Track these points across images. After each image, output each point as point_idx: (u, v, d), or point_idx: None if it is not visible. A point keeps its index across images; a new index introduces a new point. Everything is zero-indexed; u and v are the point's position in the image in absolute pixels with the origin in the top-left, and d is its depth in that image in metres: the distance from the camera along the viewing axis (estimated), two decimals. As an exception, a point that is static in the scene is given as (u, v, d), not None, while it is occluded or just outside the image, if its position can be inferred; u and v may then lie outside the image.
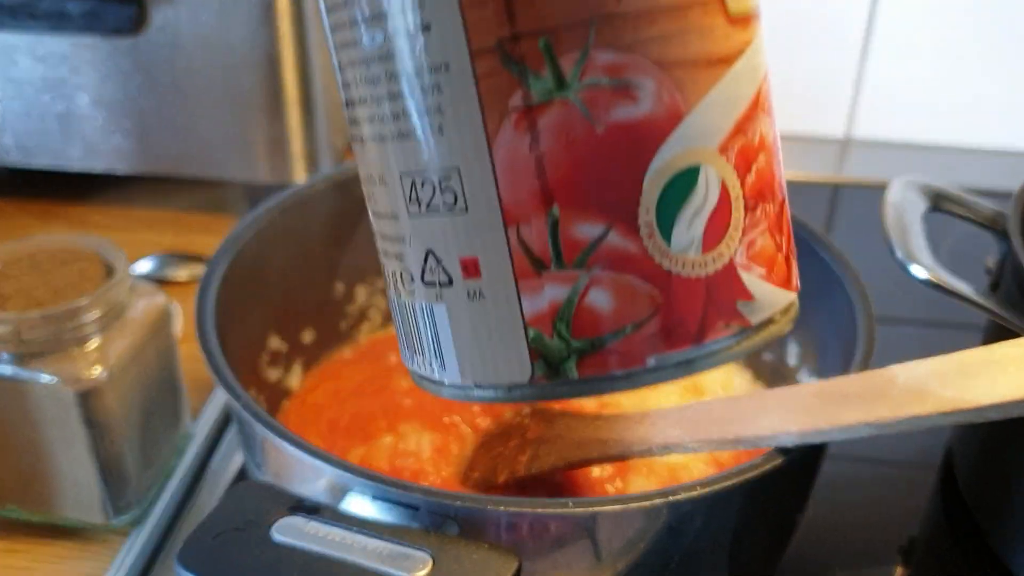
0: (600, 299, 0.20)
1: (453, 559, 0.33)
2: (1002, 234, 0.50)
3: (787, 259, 0.23)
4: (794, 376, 0.54)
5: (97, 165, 0.73)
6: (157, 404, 0.51)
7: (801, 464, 0.41)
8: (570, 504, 0.37)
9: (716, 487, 0.37)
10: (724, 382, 0.56)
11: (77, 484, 0.48)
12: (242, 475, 0.54)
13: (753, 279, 0.21)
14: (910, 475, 0.57)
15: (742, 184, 0.21)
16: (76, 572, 0.49)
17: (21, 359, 0.45)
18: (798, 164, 0.86)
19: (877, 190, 0.53)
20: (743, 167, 0.21)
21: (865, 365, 0.43)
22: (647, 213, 0.20)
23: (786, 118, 0.89)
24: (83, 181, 0.75)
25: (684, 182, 0.20)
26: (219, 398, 0.58)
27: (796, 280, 0.24)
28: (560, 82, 0.19)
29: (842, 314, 0.47)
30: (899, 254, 0.46)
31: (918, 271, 0.46)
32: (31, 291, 0.46)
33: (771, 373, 0.56)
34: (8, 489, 0.49)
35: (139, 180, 0.76)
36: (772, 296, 0.22)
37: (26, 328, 0.45)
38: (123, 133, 0.71)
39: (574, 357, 0.21)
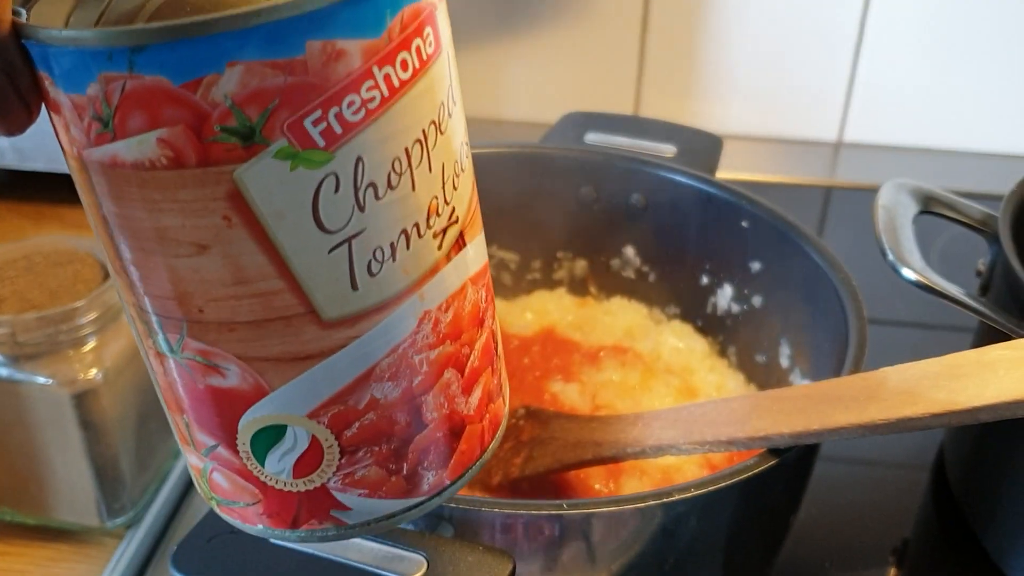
0: (220, 479, 0.28)
1: (448, 561, 0.33)
2: (992, 237, 0.50)
3: (410, 475, 0.27)
4: (786, 378, 0.54)
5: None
6: (152, 407, 0.51)
7: (794, 465, 0.41)
8: (564, 506, 0.37)
9: (709, 488, 0.37)
10: (718, 384, 0.57)
11: (72, 486, 0.48)
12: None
13: (350, 496, 0.27)
14: (902, 476, 0.57)
15: (337, 437, 0.26)
16: (71, 575, 0.49)
17: (16, 361, 0.45)
18: (791, 167, 0.86)
19: (869, 193, 0.53)
20: (339, 426, 0.26)
21: (857, 367, 0.43)
22: (244, 445, 0.26)
23: (779, 122, 0.89)
24: (77, 183, 0.74)
25: (272, 433, 0.26)
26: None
27: (426, 486, 0.28)
28: (170, 348, 0.26)
29: (834, 316, 0.47)
30: (890, 256, 0.46)
31: (909, 273, 0.46)
32: (26, 293, 0.46)
33: (764, 375, 0.56)
34: (2, 491, 0.49)
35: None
36: (372, 506, 0.27)
37: (22, 330, 0.45)
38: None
39: (214, 502, 0.29)
